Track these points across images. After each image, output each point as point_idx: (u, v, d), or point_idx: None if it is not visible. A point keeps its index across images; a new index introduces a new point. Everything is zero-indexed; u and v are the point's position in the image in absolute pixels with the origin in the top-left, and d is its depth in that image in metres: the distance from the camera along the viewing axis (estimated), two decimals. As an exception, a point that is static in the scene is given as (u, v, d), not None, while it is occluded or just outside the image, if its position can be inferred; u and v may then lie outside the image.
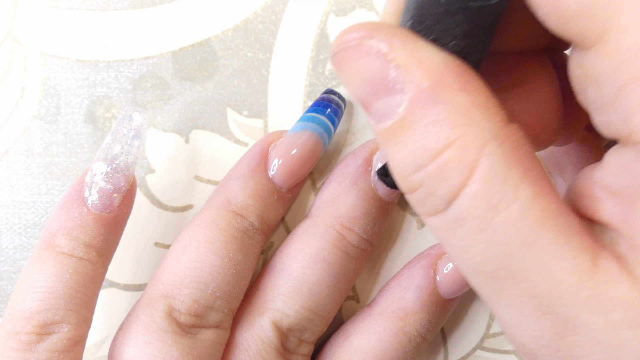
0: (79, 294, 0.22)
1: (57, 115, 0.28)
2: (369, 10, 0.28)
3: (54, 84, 0.28)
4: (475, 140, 0.15)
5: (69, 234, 0.22)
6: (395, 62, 0.16)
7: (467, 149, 0.15)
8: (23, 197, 0.28)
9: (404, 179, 0.16)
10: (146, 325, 0.22)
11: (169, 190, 0.28)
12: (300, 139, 0.25)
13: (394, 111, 0.16)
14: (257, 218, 0.25)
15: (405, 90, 0.16)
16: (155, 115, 0.28)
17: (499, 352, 0.29)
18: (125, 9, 0.28)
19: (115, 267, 0.28)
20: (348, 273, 0.25)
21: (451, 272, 0.26)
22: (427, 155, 0.15)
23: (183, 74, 0.28)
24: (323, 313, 0.25)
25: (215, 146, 0.28)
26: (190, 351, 0.22)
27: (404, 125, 0.16)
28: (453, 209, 0.15)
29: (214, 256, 0.23)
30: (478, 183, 0.15)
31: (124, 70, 0.28)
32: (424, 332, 0.26)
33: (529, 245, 0.15)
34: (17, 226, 0.28)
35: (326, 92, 0.27)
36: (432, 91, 0.15)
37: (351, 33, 0.16)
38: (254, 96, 0.28)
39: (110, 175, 0.23)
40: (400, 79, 0.16)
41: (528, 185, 0.15)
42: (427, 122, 0.15)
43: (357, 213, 0.25)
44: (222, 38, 0.28)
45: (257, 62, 0.28)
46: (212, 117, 0.28)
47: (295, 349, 0.25)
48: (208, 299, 0.23)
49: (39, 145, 0.28)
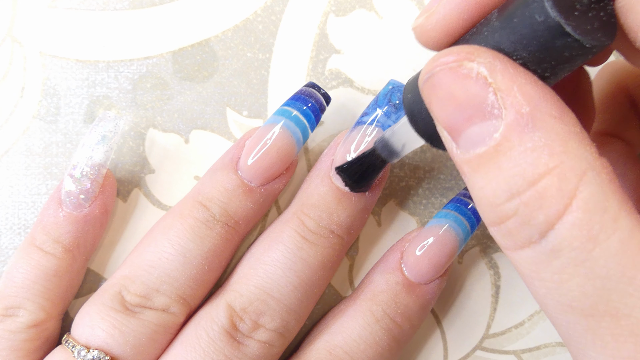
0: (37, 285, 0.25)
1: (56, 115, 0.28)
2: (369, 11, 0.28)
3: (54, 84, 0.28)
4: (574, 168, 0.15)
5: (43, 229, 0.25)
6: (495, 86, 0.15)
7: (567, 177, 0.15)
8: (23, 197, 0.28)
9: (495, 208, 0.16)
10: (94, 300, 0.25)
11: (169, 190, 0.28)
12: (266, 132, 0.25)
13: (489, 136, 0.16)
14: (220, 210, 0.25)
15: (503, 115, 0.15)
16: (155, 115, 0.28)
17: (499, 352, 0.29)
18: (125, 9, 0.28)
19: (114, 266, 0.28)
20: (307, 258, 0.25)
21: (417, 254, 0.26)
22: (525, 182, 0.15)
23: (183, 74, 0.28)
24: (278, 295, 0.25)
25: (215, 146, 0.28)
26: (119, 325, 0.24)
27: (499, 151, 0.15)
28: (549, 240, 0.15)
29: (166, 243, 0.25)
30: (578, 212, 0.15)
31: (124, 71, 0.28)
32: (392, 313, 0.26)
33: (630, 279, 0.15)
34: (16, 226, 0.28)
35: (308, 85, 0.26)
36: (531, 117, 0.15)
37: (449, 55, 0.16)
38: (254, 96, 0.28)
39: (76, 178, 0.25)
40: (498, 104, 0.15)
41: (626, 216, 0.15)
42: (525, 147, 0.15)
43: (314, 200, 0.26)
44: (222, 38, 0.28)
45: (257, 62, 0.28)
46: (212, 117, 0.28)
47: (250, 332, 0.25)
48: (154, 281, 0.24)
49: (38, 145, 0.28)
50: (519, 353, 0.29)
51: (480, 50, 0.16)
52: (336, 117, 0.28)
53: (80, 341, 0.24)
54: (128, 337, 0.24)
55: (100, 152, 0.25)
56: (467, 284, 0.29)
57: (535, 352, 0.29)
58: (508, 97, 0.15)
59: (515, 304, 0.29)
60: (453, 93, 0.16)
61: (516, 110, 0.15)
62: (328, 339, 0.26)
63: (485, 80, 0.16)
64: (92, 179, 0.25)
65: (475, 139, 0.16)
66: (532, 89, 0.15)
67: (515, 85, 0.15)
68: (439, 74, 0.16)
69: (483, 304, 0.29)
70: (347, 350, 0.25)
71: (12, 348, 0.25)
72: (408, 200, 0.29)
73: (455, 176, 0.29)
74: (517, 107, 0.15)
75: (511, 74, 0.16)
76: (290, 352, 0.27)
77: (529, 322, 0.29)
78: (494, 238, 0.17)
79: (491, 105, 0.15)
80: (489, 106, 0.15)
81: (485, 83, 0.16)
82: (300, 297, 0.25)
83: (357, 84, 0.28)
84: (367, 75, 0.28)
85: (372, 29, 0.28)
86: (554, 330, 0.29)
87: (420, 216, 0.29)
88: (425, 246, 0.26)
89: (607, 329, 0.15)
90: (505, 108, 0.15)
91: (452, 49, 0.16)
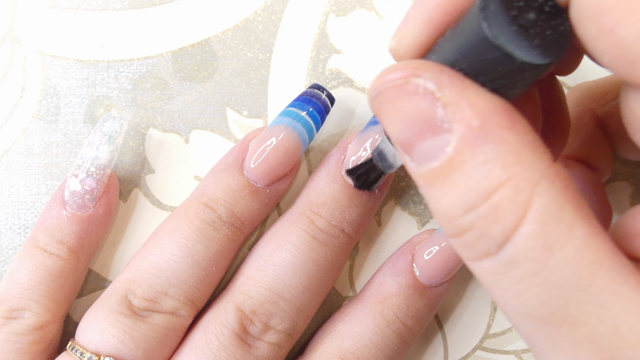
0: (42, 286, 0.25)
1: (56, 115, 0.28)
2: (369, 11, 0.28)
3: (54, 84, 0.28)
4: (527, 179, 0.15)
5: (46, 230, 0.25)
6: (443, 100, 0.15)
7: (521, 189, 0.15)
8: (23, 197, 0.28)
9: (452, 222, 0.16)
10: (100, 305, 0.24)
11: (169, 190, 0.28)
12: (272, 133, 0.25)
13: (441, 151, 0.15)
14: (226, 211, 0.25)
15: (453, 130, 0.15)
16: (155, 115, 0.28)
17: (499, 352, 0.29)
18: (125, 9, 0.28)
19: (115, 266, 0.28)
20: (317, 258, 0.25)
21: (429, 257, 0.26)
22: (479, 195, 0.15)
23: (183, 74, 0.28)
24: (289, 296, 0.25)
25: (215, 146, 0.28)
26: (129, 331, 0.23)
27: (452, 165, 0.15)
28: (506, 251, 0.15)
29: (174, 245, 0.25)
30: (533, 223, 0.15)
31: (124, 70, 0.28)
32: (403, 316, 0.26)
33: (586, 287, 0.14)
34: (16, 226, 0.28)
35: (312, 86, 0.26)
36: (482, 130, 0.15)
37: (395, 72, 0.16)
38: (254, 96, 0.28)
39: (81, 178, 0.25)
40: (448, 118, 0.15)
41: (581, 224, 0.15)
42: (477, 161, 0.15)
43: (325, 199, 0.25)
44: (222, 38, 0.28)
45: (257, 62, 0.28)
46: (212, 117, 0.28)
47: (260, 334, 0.24)
48: (162, 284, 0.24)
49: (38, 145, 0.28)
50: (519, 353, 0.29)
51: (427, 65, 0.16)
52: (336, 117, 0.28)
53: (89, 348, 0.24)
54: (139, 342, 0.24)
55: (106, 152, 0.25)
56: (467, 284, 0.29)
57: (535, 352, 0.29)
58: (457, 111, 0.15)
59: (516, 304, 0.29)
60: (402, 110, 0.16)
61: (466, 124, 0.15)
62: (338, 344, 0.25)
63: (432, 96, 0.15)
64: (98, 179, 0.25)
65: (428, 153, 0.16)
66: (480, 102, 0.15)
67: (463, 98, 0.15)
68: (386, 91, 0.16)
69: (483, 304, 0.29)
70: (359, 355, 0.25)
71: (19, 351, 0.24)
72: (408, 200, 0.29)
73: (456, 176, 0.29)
74: (467, 120, 0.15)
75: (459, 87, 0.15)
76: (294, 353, 0.27)
77: (529, 322, 0.29)
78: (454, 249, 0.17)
79: (441, 120, 0.15)
80: (439, 121, 0.15)
81: (433, 98, 0.15)
82: (309, 298, 0.25)
83: (357, 84, 0.28)
84: (367, 75, 0.28)
85: (372, 29, 0.28)
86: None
87: (420, 216, 0.29)
88: (439, 249, 0.26)
89: (566, 336, 0.15)
90: (455, 122, 0.15)
91: (398, 65, 0.16)
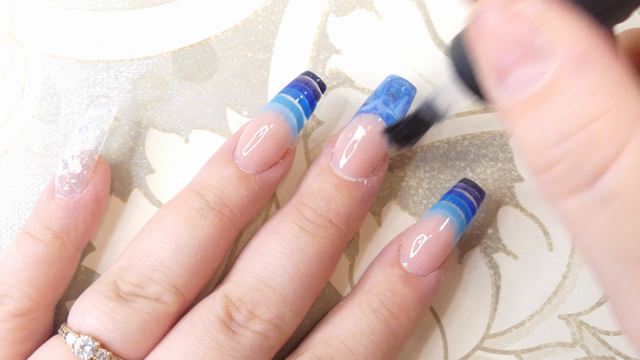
0: (23, 272, 0.25)
1: (56, 115, 0.28)
2: (369, 10, 0.28)
3: (54, 84, 0.28)
4: (629, 111, 0.14)
5: (35, 216, 0.26)
6: (546, 26, 0.15)
7: (621, 120, 0.14)
8: (23, 197, 0.28)
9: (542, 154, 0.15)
10: (90, 289, 0.25)
11: (169, 190, 0.28)
12: (262, 119, 0.26)
13: (539, 78, 0.15)
14: (214, 197, 0.25)
15: (555, 55, 0.15)
16: (155, 115, 0.28)
17: (499, 352, 0.29)
18: (125, 9, 0.28)
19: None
20: (304, 248, 0.25)
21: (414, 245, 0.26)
22: (575, 125, 0.14)
23: (183, 74, 0.28)
24: (274, 284, 0.25)
25: (215, 146, 0.28)
26: (109, 312, 0.24)
27: (549, 92, 0.15)
28: (600, 185, 0.14)
29: (160, 231, 0.25)
30: (633, 156, 0.14)
31: (124, 70, 0.28)
32: (389, 303, 0.26)
33: None
34: (16, 226, 0.28)
35: (304, 73, 0.26)
36: (585, 57, 0.14)
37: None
38: (254, 96, 0.28)
39: (67, 162, 0.25)
40: (550, 44, 0.15)
41: None
42: (577, 89, 0.14)
43: (313, 190, 0.26)
44: (222, 38, 0.28)
45: (257, 62, 0.28)
46: (212, 117, 0.28)
47: (245, 322, 0.24)
48: (147, 270, 0.25)
49: (38, 145, 0.28)
50: (519, 353, 0.29)
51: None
52: (336, 117, 0.28)
53: (72, 328, 0.24)
54: (118, 324, 0.24)
55: (92, 137, 0.25)
56: (467, 284, 0.29)
57: (535, 352, 0.29)
58: (560, 37, 0.15)
59: (515, 304, 0.29)
60: (502, 33, 0.15)
61: (568, 50, 0.15)
62: (325, 331, 0.26)
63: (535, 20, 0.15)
64: (83, 164, 0.25)
65: (524, 80, 0.15)
66: (585, 30, 0.15)
67: (567, 25, 0.15)
68: (487, 13, 0.16)
69: (483, 304, 0.29)
70: (343, 339, 0.25)
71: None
72: (408, 200, 0.29)
73: (455, 176, 0.29)
74: (570, 47, 0.15)
75: (562, 13, 0.15)
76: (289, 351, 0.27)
77: (529, 322, 0.29)
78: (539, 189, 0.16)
79: (542, 45, 0.15)
80: (539, 47, 0.15)
81: (536, 23, 0.15)
82: (296, 288, 0.25)
83: (357, 84, 0.28)
84: (367, 75, 0.28)
85: (372, 29, 0.28)
86: (554, 330, 0.29)
87: (420, 216, 0.29)
88: (422, 237, 0.26)
89: None
90: (557, 48, 0.15)
91: None
